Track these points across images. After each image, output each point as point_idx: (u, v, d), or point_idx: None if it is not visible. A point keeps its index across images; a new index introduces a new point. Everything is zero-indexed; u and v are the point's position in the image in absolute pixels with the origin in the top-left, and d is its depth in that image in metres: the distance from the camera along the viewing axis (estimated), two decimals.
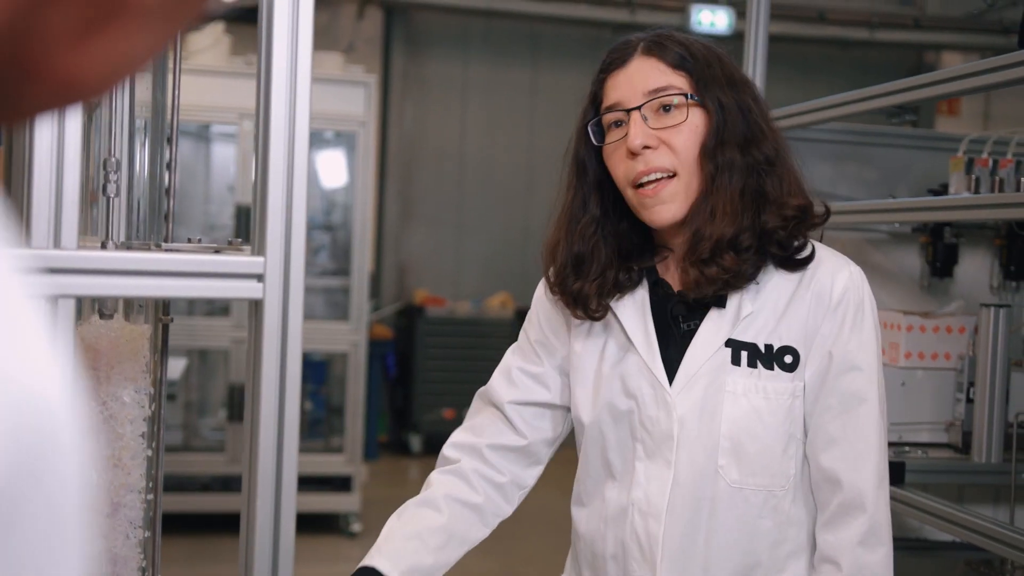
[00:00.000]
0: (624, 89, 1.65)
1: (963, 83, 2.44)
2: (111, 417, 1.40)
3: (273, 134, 1.27)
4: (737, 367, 1.62)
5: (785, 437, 1.62)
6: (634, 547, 1.65)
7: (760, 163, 1.63)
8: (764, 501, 1.62)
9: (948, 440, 2.72)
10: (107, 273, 1.20)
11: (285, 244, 1.29)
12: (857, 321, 1.63)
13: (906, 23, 9.01)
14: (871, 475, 1.62)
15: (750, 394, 1.61)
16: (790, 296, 1.65)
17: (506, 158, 8.81)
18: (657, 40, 1.66)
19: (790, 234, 1.63)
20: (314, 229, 6.64)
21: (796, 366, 1.63)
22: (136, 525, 1.42)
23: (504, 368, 1.83)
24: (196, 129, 6.40)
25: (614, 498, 1.69)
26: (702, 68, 1.64)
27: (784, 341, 1.63)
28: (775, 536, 1.63)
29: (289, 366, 1.30)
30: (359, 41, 8.43)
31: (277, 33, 1.27)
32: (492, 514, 1.78)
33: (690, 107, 1.62)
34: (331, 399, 6.58)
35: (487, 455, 1.78)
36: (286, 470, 1.29)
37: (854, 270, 1.66)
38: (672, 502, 1.63)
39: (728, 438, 1.61)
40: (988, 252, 3.07)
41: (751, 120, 1.65)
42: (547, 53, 8.85)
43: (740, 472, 1.61)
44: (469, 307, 8.22)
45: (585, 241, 1.69)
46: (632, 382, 1.66)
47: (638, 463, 1.66)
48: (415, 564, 1.66)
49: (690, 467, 1.62)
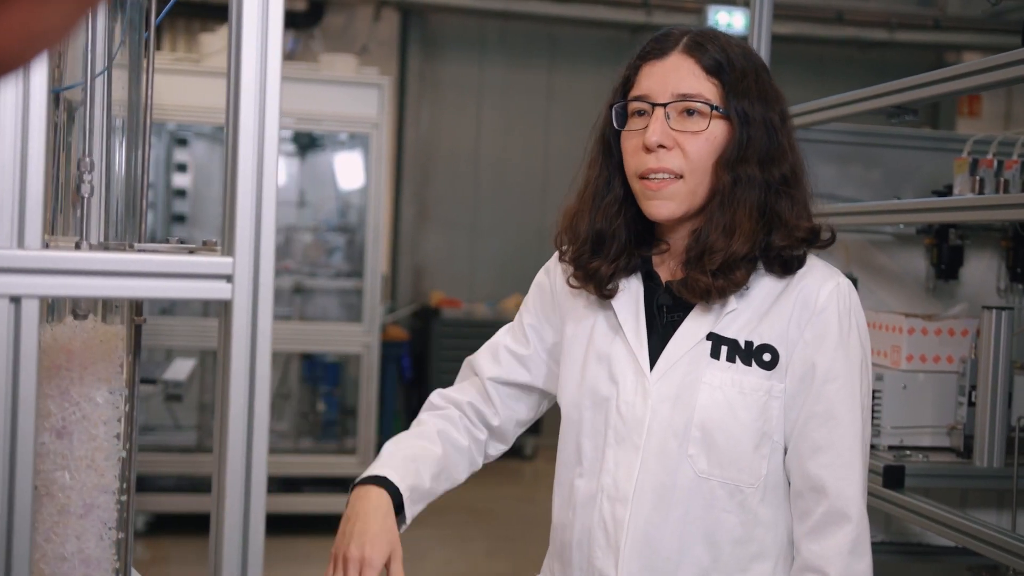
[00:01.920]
0: (656, 82, 1.67)
1: (968, 81, 2.41)
2: (84, 418, 1.40)
3: (242, 135, 1.27)
4: (716, 360, 1.64)
5: (758, 435, 1.63)
6: (600, 534, 1.67)
7: (777, 181, 1.65)
8: (730, 495, 1.63)
9: (950, 444, 2.69)
10: (72, 273, 1.19)
11: (254, 245, 1.28)
12: (843, 332, 1.64)
13: (926, 23, 8.94)
14: (857, 484, 1.62)
15: (726, 387, 1.63)
16: (775, 297, 1.66)
17: (522, 160, 8.80)
18: (699, 41, 1.68)
19: (793, 253, 1.66)
20: (329, 231, 6.65)
21: (774, 365, 1.64)
22: (109, 526, 1.41)
23: (493, 344, 1.90)
24: (211, 131, 6.42)
25: (583, 486, 1.71)
26: (736, 79, 1.66)
27: (764, 339, 1.64)
28: (739, 533, 1.63)
29: (258, 367, 1.29)
30: (375, 43, 8.44)
31: (246, 34, 1.27)
32: (471, 462, 1.85)
33: (713, 118, 1.64)
34: (345, 400, 6.59)
35: (468, 412, 1.86)
36: (255, 471, 1.29)
37: (842, 281, 1.67)
38: (639, 487, 1.64)
39: (699, 428, 1.63)
40: (995, 254, 3.04)
41: (774, 138, 1.67)
42: (563, 55, 8.83)
43: (709, 463, 1.63)
44: (485, 309, 8.22)
45: (608, 220, 1.72)
46: (617, 367, 1.69)
47: (608, 450, 1.68)
48: (416, 483, 1.71)
49: (659, 454, 1.64)
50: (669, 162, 1.64)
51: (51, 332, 1.39)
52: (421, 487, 1.72)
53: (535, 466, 7.90)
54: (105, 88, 1.50)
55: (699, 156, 1.64)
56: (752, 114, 1.65)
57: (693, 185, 1.65)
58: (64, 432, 1.39)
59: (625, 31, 8.69)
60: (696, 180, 1.64)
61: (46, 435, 1.38)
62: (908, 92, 2.56)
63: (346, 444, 6.31)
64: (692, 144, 1.64)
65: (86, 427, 1.40)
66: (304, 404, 6.52)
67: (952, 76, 2.43)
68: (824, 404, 1.62)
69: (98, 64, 1.50)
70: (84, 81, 1.44)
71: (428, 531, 6.23)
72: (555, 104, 8.80)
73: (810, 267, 1.67)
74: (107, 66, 1.50)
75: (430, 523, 6.48)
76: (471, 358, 1.90)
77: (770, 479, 1.64)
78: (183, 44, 7.98)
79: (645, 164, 1.65)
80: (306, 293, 6.47)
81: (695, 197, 1.66)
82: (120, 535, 1.44)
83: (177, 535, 5.69)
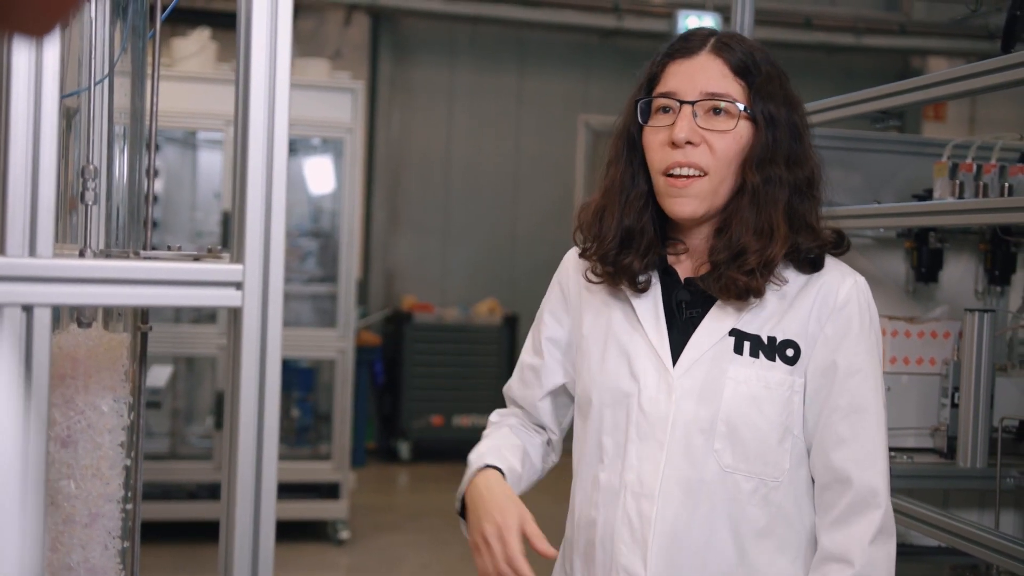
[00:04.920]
0: (684, 80, 1.69)
1: (951, 87, 2.44)
2: (89, 427, 1.39)
3: (252, 141, 1.27)
4: (739, 356, 1.67)
5: (781, 428, 1.66)
6: (624, 530, 1.67)
7: (802, 183, 1.69)
8: (755, 488, 1.65)
9: (933, 445, 2.72)
10: (84, 282, 1.19)
11: (264, 252, 1.28)
12: (863, 327, 1.68)
13: (892, 29, 9.03)
14: (882, 474, 1.66)
15: (751, 382, 1.66)
16: (796, 293, 1.70)
17: (493, 164, 8.80)
18: (726, 42, 1.71)
19: (821, 253, 1.70)
20: (301, 236, 6.62)
21: (796, 360, 1.67)
22: (114, 535, 1.41)
23: (520, 367, 1.93)
24: (183, 136, 6.38)
25: (605, 481, 1.72)
26: (763, 81, 1.69)
27: (787, 335, 1.68)
28: (763, 525, 1.66)
29: (269, 373, 1.29)
30: (346, 47, 8.41)
31: (256, 40, 1.26)
32: (543, 456, 1.89)
33: (740, 118, 1.67)
34: (319, 406, 6.56)
35: (525, 420, 1.90)
36: (265, 478, 1.29)
37: (859, 279, 1.72)
38: (665, 483, 1.66)
39: (725, 423, 1.65)
40: (973, 257, 3.08)
41: (798, 140, 1.70)
42: (534, 59, 8.84)
43: (734, 457, 1.65)
44: (457, 313, 8.20)
45: (636, 216, 1.74)
46: (638, 364, 1.71)
47: (630, 445, 1.69)
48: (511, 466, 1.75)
49: (684, 449, 1.66)
50: (695, 158, 1.66)
51: (56, 340, 1.38)
52: (515, 470, 1.76)
53: None
54: (106, 95, 1.49)
55: (726, 154, 1.66)
56: (778, 116, 1.68)
57: (716, 183, 1.67)
58: (69, 441, 1.39)
59: (595, 35, 8.72)
60: (719, 178, 1.67)
61: (51, 444, 1.37)
62: (897, 97, 2.59)
63: (320, 450, 6.28)
64: (720, 142, 1.66)
65: (91, 436, 1.39)
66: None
67: (940, 80, 2.46)
68: (847, 397, 1.66)
69: (98, 71, 1.50)
70: (87, 87, 1.43)
71: (404, 536, 6.25)
72: (525, 108, 8.81)
73: (828, 266, 1.72)
74: (108, 73, 1.50)
75: (406, 528, 6.46)
76: (505, 389, 1.94)
77: (792, 473, 1.67)
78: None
79: (672, 159, 1.67)
80: None
81: (717, 197, 1.68)
82: (125, 544, 1.44)
83: (150, 543, 5.64)
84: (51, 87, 1.15)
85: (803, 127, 1.72)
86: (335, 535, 5.90)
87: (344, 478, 5.96)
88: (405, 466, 7.85)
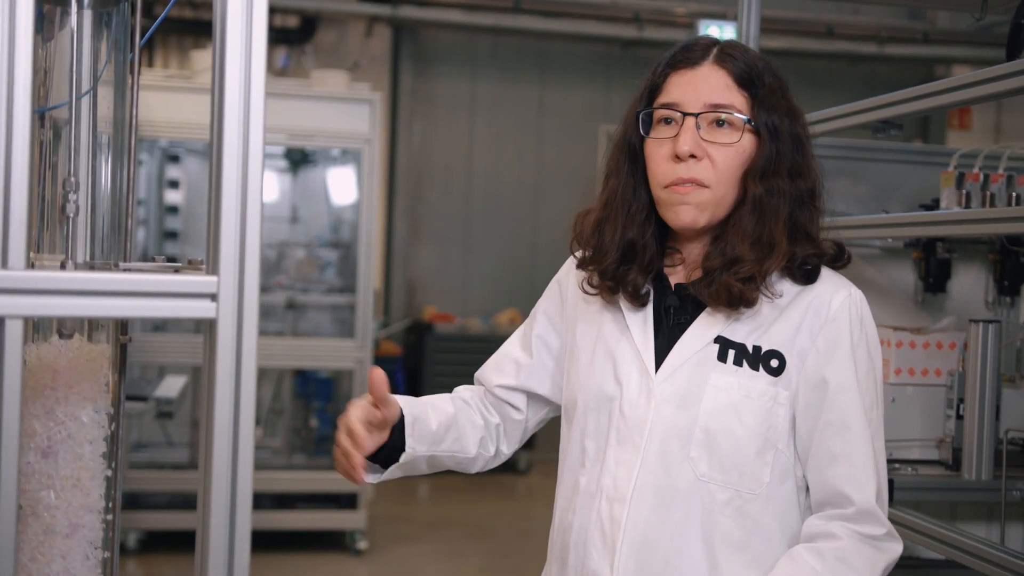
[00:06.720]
0: (687, 91, 1.68)
1: (958, 95, 2.42)
2: (70, 437, 1.40)
3: (226, 153, 1.27)
4: (723, 363, 1.65)
5: (761, 440, 1.63)
6: (596, 534, 1.66)
7: (804, 195, 1.68)
8: (729, 500, 1.63)
9: (939, 457, 2.69)
10: (56, 293, 1.20)
11: (239, 263, 1.28)
12: (855, 340, 1.66)
13: (915, 37, 8.98)
14: (878, 491, 1.64)
15: (732, 390, 1.63)
16: (787, 304, 1.68)
17: (514, 175, 8.82)
18: (730, 52, 1.69)
19: (818, 264, 1.68)
20: (321, 247, 6.65)
21: (781, 372, 1.64)
22: (95, 546, 1.41)
23: (499, 355, 1.92)
24: (203, 148, 6.42)
25: (584, 485, 1.71)
26: (766, 92, 1.68)
27: (772, 345, 1.65)
28: (737, 538, 1.63)
29: (244, 385, 1.29)
30: (368, 59, 8.46)
31: (230, 52, 1.27)
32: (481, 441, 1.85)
33: (744, 130, 1.66)
34: (338, 416, 6.56)
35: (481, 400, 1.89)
36: (240, 491, 1.29)
37: (854, 292, 1.69)
38: (638, 488, 1.64)
39: (703, 430, 1.63)
40: (982, 267, 3.05)
41: (800, 152, 1.69)
42: (554, 70, 8.86)
43: (710, 466, 1.63)
44: (478, 323, 8.22)
45: (639, 230, 1.72)
46: (623, 368, 1.69)
47: (609, 449, 1.68)
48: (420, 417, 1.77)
49: (660, 455, 1.64)
50: (698, 172, 1.65)
51: (36, 351, 1.39)
52: (426, 425, 1.76)
53: (529, 481, 7.89)
54: (91, 106, 1.50)
55: (727, 167, 1.65)
56: (781, 128, 1.67)
57: (719, 196, 1.66)
58: (49, 451, 1.39)
59: (616, 46, 8.72)
60: (722, 191, 1.66)
61: (31, 455, 1.38)
62: (897, 106, 2.57)
63: None
64: (721, 155, 1.65)
65: (71, 446, 1.40)
66: (297, 420, 6.51)
67: (940, 90, 2.44)
68: (838, 413, 1.63)
69: (84, 83, 1.51)
70: (70, 100, 1.44)
71: (423, 547, 6.24)
72: (546, 119, 8.82)
73: (824, 278, 1.69)
74: (93, 86, 1.51)
75: (424, 538, 6.46)
76: (478, 372, 1.93)
77: (773, 488, 1.64)
78: (175, 61, 8.00)
79: (675, 173, 1.66)
80: (299, 309, 6.46)
81: (719, 208, 1.67)
82: (106, 554, 1.44)
83: (169, 552, 5.67)
84: (23, 94, 1.15)
85: (805, 138, 1.71)
86: (353, 545, 5.91)
87: (362, 488, 5.97)
88: (423, 476, 7.81)
